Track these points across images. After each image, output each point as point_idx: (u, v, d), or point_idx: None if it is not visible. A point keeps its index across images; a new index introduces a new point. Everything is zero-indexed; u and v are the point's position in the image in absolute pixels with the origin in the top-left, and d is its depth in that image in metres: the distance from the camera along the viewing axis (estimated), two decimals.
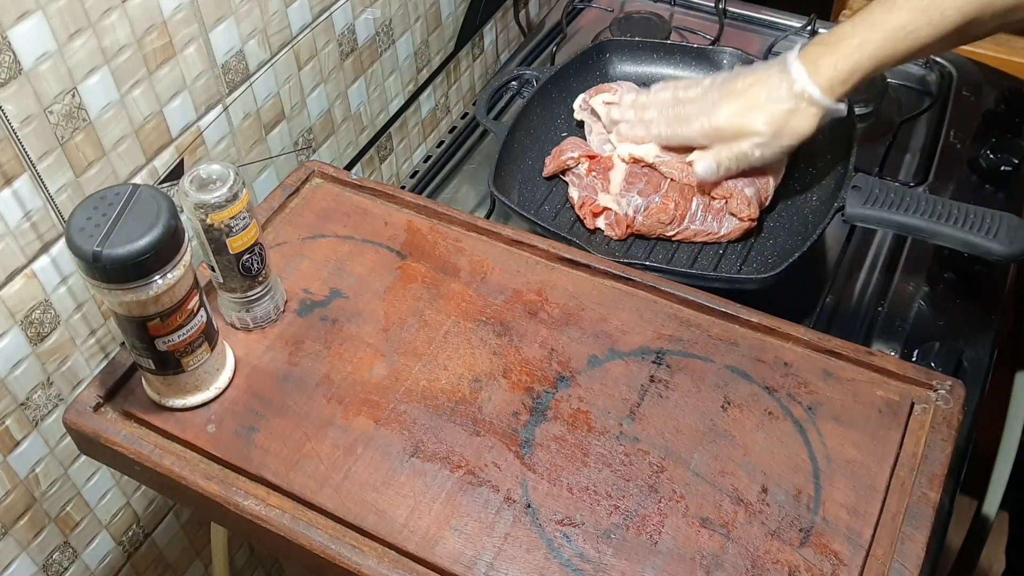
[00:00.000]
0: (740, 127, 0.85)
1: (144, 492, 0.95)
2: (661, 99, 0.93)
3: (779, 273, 0.84)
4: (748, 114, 0.84)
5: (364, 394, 0.71)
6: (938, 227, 0.80)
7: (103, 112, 0.76)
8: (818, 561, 0.61)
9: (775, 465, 0.66)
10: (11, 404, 0.77)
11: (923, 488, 0.64)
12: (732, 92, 0.85)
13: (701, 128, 0.87)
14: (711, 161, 0.85)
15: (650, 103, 0.94)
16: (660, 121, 0.92)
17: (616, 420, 0.69)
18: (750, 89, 0.84)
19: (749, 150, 0.84)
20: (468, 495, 0.65)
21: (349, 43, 1.04)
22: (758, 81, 0.84)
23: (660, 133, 0.92)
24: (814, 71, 0.81)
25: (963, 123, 1.10)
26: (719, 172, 0.85)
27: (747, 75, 0.86)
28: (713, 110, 0.86)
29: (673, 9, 1.27)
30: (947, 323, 0.90)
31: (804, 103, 0.82)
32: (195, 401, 0.70)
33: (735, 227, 0.92)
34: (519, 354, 0.73)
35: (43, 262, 0.76)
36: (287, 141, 0.99)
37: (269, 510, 0.65)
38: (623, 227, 0.93)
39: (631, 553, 0.62)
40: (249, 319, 0.75)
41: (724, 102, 0.85)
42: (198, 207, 0.67)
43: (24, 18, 0.67)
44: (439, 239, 0.83)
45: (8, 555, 0.82)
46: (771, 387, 0.71)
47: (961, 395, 0.69)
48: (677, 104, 0.91)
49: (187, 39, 0.81)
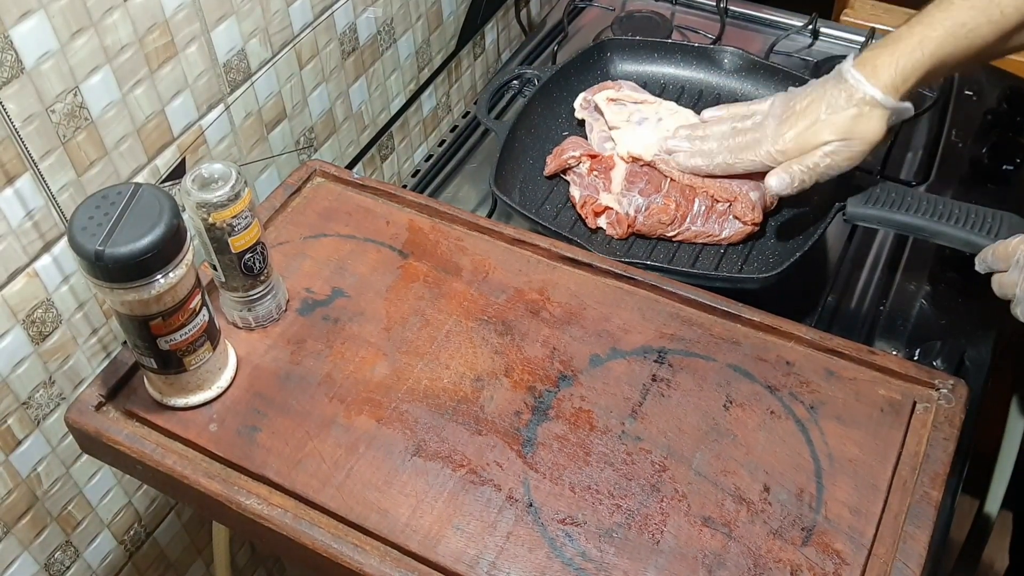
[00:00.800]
0: (806, 144, 0.83)
1: (146, 491, 0.95)
2: (719, 131, 0.92)
3: (780, 272, 0.84)
4: (812, 129, 0.82)
5: (366, 393, 0.71)
6: (939, 227, 0.80)
7: (105, 111, 0.76)
8: (820, 560, 0.61)
9: (777, 464, 0.66)
10: (13, 403, 0.77)
11: (925, 487, 0.64)
12: (793, 114, 0.84)
13: (768, 154, 0.86)
14: (783, 175, 0.83)
15: (708, 135, 0.93)
16: (722, 151, 0.90)
17: (618, 419, 0.69)
18: (810, 107, 0.83)
19: (820, 160, 0.82)
20: (470, 494, 0.65)
21: (350, 42, 1.04)
22: (816, 98, 0.83)
23: (724, 162, 0.90)
24: (872, 74, 0.80)
25: (964, 122, 1.10)
26: (794, 185, 0.83)
27: (804, 95, 0.85)
28: (777, 134, 0.85)
29: (674, 8, 1.27)
30: (949, 322, 0.90)
31: (867, 107, 0.80)
32: (197, 400, 0.70)
33: (737, 231, 0.92)
34: (521, 353, 0.73)
35: (45, 261, 0.76)
36: (289, 140, 0.99)
37: (271, 509, 0.65)
38: (624, 226, 0.93)
39: (633, 552, 0.62)
40: (251, 318, 0.75)
41: (786, 124, 0.84)
42: (200, 206, 0.67)
43: (26, 17, 0.67)
44: (441, 238, 0.83)
45: (10, 554, 0.82)
46: (773, 386, 0.71)
47: (963, 394, 0.69)
48: (736, 134, 0.90)
49: (189, 38, 0.81)
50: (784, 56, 1.18)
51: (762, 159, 0.87)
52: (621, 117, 0.99)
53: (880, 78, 0.80)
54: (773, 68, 1.06)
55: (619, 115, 1.00)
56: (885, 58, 0.80)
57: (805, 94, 0.85)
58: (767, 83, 1.06)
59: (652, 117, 0.99)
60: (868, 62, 0.81)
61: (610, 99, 1.01)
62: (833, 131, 0.82)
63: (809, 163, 0.83)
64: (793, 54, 1.18)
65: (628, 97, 1.02)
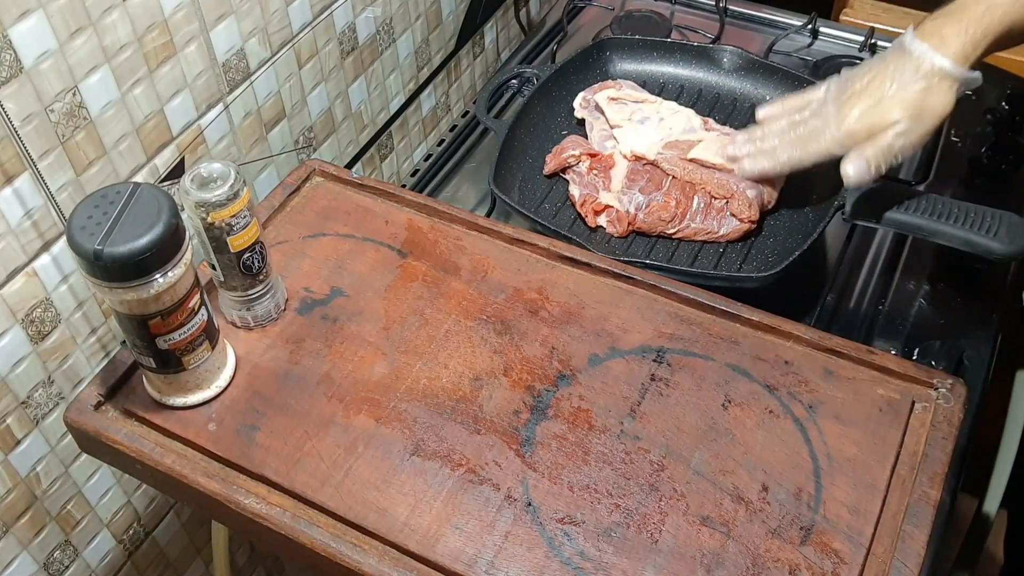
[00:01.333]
0: (874, 124, 0.79)
1: (145, 490, 0.95)
2: (778, 128, 0.89)
3: (779, 272, 0.84)
4: (879, 107, 0.79)
5: (365, 393, 0.71)
6: (938, 226, 0.80)
7: (104, 111, 0.76)
8: (819, 559, 0.61)
9: (776, 463, 0.66)
10: (12, 403, 0.77)
11: (924, 486, 0.64)
12: (854, 94, 0.81)
13: (833, 139, 0.82)
14: (859, 161, 0.79)
15: (767, 133, 0.90)
16: (784, 146, 0.87)
17: (617, 418, 0.69)
18: (871, 84, 0.80)
19: (892, 141, 0.78)
20: (469, 493, 0.65)
21: (350, 42, 1.04)
22: (878, 74, 0.80)
23: (789, 157, 0.87)
24: (940, 44, 0.77)
25: (964, 122, 1.10)
26: (871, 171, 0.80)
27: (863, 73, 0.81)
28: (840, 117, 0.81)
29: (674, 7, 1.27)
30: (948, 322, 0.90)
31: (936, 79, 0.77)
32: (196, 399, 0.70)
33: (735, 228, 0.92)
34: (520, 352, 0.73)
35: (44, 260, 0.76)
36: (288, 140, 0.99)
37: (270, 508, 0.65)
38: (624, 224, 0.93)
39: (632, 551, 0.62)
40: (250, 317, 0.75)
41: (849, 105, 0.81)
42: (199, 206, 0.67)
43: (25, 17, 0.67)
44: (440, 238, 0.83)
45: (9, 553, 0.82)
46: (772, 385, 0.71)
47: (962, 393, 0.69)
48: (796, 127, 0.87)
49: (188, 37, 0.81)
50: (783, 56, 1.18)
51: (827, 147, 0.83)
52: (623, 116, 0.99)
53: (949, 48, 0.77)
54: (772, 67, 1.07)
55: (620, 114, 1.00)
56: (952, 27, 0.77)
57: (864, 72, 0.81)
58: (766, 82, 1.06)
59: (654, 116, 0.99)
60: (933, 32, 0.78)
61: (611, 98, 1.01)
62: (903, 108, 0.78)
63: (883, 145, 0.79)
64: (792, 53, 1.18)
65: (629, 96, 1.02)
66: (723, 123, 1.02)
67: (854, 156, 0.80)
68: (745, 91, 1.07)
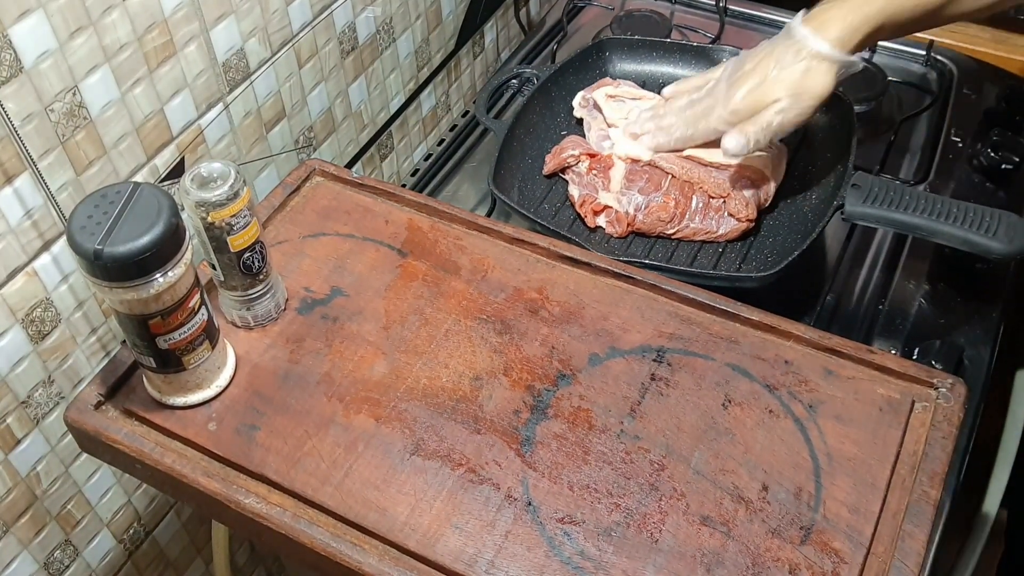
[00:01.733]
0: (757, 102, 0.84)
1: (145, 490, 0.95)
2: (677, 106, 0.93)
3: (779, 271, 0.84)
4: (762, 87, 0.83)
5: (365, 392, 0.71)
6: (938, 225, 0.80)
7: (104, 110, 0.76)
8: (819, 559, 0.61)
9: (776, 463, 0.66)
10: (12, 402, 0.77)
11: (924, 486, 0.64)
12: (743, 74, 0.85)
13: (720, 116, 0.87)
14: (739, 136, 0.84)
15: (667, 111, 0.94)
16: (679, 124, 0.92)
17: (617, 418, 0.69)
18: (759, 65, 0.84)
19: (772, 118, 0.83)
20: (469, 493, 0.65)
21: (350, 41, 1.04)
22: (765, 56, 0.84)
23: (683, 135, 0.92)
24: (820, 28, 0.81)
25: (964, 121, 1.10)
26: (750, 146, 0.84)
27: (753, 55, 0.86)
28: (728, 96, 0.86)
29: (674, 7, 1.27)
30: (948, 321, 0.90)
31: (815, 61, 0.81)
32: (196, 399, 0.70)
33: (733, 227, 0.92)
34: (520, 352, 0.73)
35: (44, 260, 0.76)
36: (288, 139, 0.99)
37: (270, 508, 0.65)
38: (624, 225, 0.93)
39: (632, 551, 0.62)
40: (250, 317, 0.75)
41: (736, 85, 0.85)
42: (199, 205, 0.67)
43: (25, 16, 0.67)
44: (440, 237, 0.83)
45: (9, 553, 0.82)
46: (772, 385, 0.71)
47: (962, 393, 0.69)
48: (692, 105, 0.91)
49: (188, 37, 0.81)
50: None
51: (715, 124, 0.88)
52: (620, 114, 0.99)
53: (829, 32, 0.81)
54: None
55: (618, 112, 1.00)
56: (834, 12, 0.81)
57: (755, 54, 0.86)
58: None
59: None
60: (816, 17, 0.82)
61: (609, 95, 1.01)
62: (783, 88, 0.83)
63: (762, 122, 0.84)
64: None
65: (627, 94, 1.02)
66: None
67: (735, 131, 0.85)
68: None
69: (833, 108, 1.00)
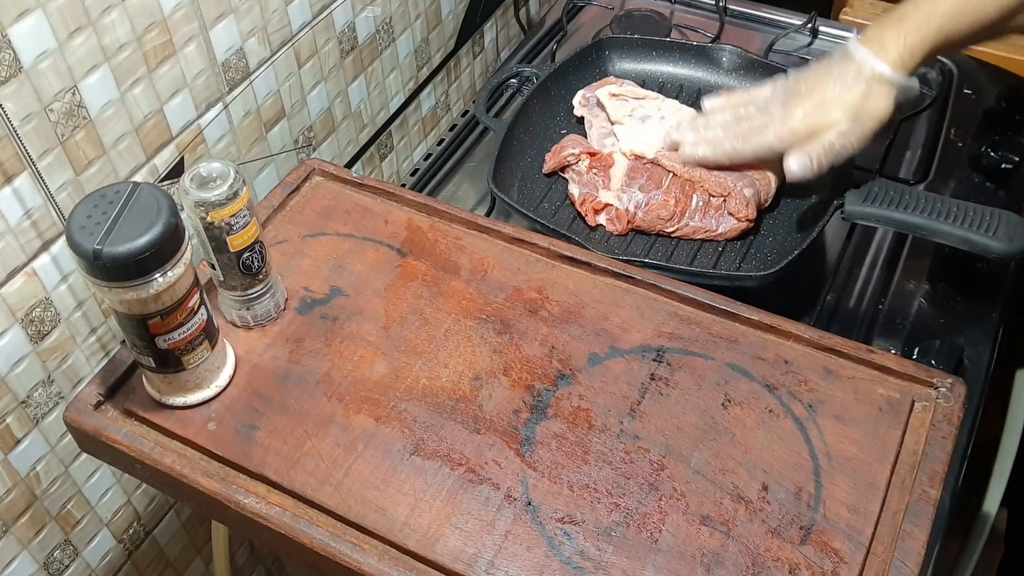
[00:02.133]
0: (817, 124, 0.83)
1: (145, 490, 0.95)
2: (723, 119, 0.91)
3: (778, 270, 0.84)
4: (821, 109, 0.82)
5: (365, 392, 0.71)
6: (938, 225, 0.80)
7: (103, 110, 0.76)
8: (818, 559, 0.61)
9: (776, 463, 0.66)
10: (12, 402, 0.77)
11: (924, 486, 0.64)
12: (799, 95, 0.84)
13: (777, 135, 0.85)
14: (803, 156, 0.83)
15: (712, 123, 0.92)
16: (728, 137, 0.90)
17: (617, 418, 0.69)
18: (817, 87, 0.83)
19: (834, 139, 0.82)
20: (469, 493, 0.65)
21: (349, 41, 1.03)
22: (823, 77, 0.83)
23: (731, 148, 0.89)
24: (880, 50, 0.80)
25: (964, 121, 1.10)
26: (813, 167, 0.83)
27: (808, 75, 0.84)
28: (785, 116, 0.84)
29: (673, 7, 1.27)
30: (948, 321, 0.90)
31: (876, 84, 0.80)
32: (196, 399, 0.70)
33: (733, 226, 0.92)
34: (520, 352, 0.73)
35: (43, 260, 0.76)
36: (287, 139, 0.99)
37: (270, 508, 0.65)
38: (624, 223, 0.93)
39: (631, 551, 0.62)
40: (249, 317, 0.75)
41: (793, 105, 0.84)
42: (198, 205, 0.67)
43: (24, 16, 0.67)
44: (439, 237, 0.83)
45: (9, 553, 0.82)
46: (772, 385, 0.71)
47: (962, 393, 0.69)
48: (741, 120, 0.89)
49: (187, 37, 0.81)
50: (783, 55, 1.18)
51: (770, 142, 0.86)
52: (623, 112, 0.99)
53: (888, 54, 0.80)
54: (772, 67, 1.06)
55: (621, 110, 1.00)
56: (892, 34, 0.80)
57: (810, 74, 0.84)
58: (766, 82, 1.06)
59: (655, 114, 0.99)
60: (875, 39, 0.81)
61: (612, 94, 1.01)
62: (843, 110, 0.81)
63: (825, 143, 0.82)
64: (792, 53, 1.18)
65: (630, 92, 1.02)
66: None
67: (797, 152, 0.83)
68: None
69: None
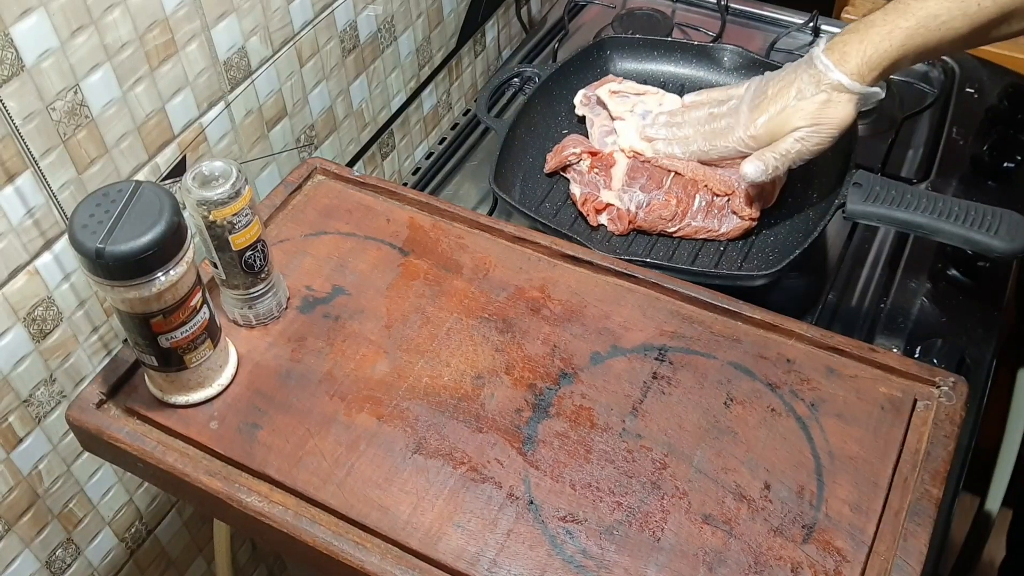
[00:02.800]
0: (776, 130, 0.85)
1: (147, 489, 0.95)
2: (696, 117, 0.93)
3: (780, 269, 0.84)
4: (782, 115, 0.84)
5: (367, 391, 0.71)
6: (939, 224, 0.80)
7: (105, 109, 0.76)
8: (821, 558, 0.61)
9: (778, 462, 0.66)
10: (14, 401, 0.77)
11: (926, 485, 0.64)
12: (764, 99, 0.86)
13: (739, 139, 0.87)
14: (758, 163, 0.85)
15: (685, 121, 0.94)
16: (697, 137, 0.92)
17: (619, 417, 0.69)
18: (780, 93, 0.84)
19: (791, 146, 0.84)
20: (471, 492, 0.65)
21: (351, 40, 1.03)
22: (787, 84, 0.84)
23: (698, 149, 0.92)
24: (841, 60, 0.81)
25: (965, 120, 1.10)
26: (768, 172, 0.85)
27: (776, 80, 0.86)
28: (749, 120, 0.86)
29: (675, 6, 1.27)
30: (950, 320, 0.90)
31: (835, 92, 0.82)
32: (198, 398, 0.70)
33: (735, 226, 0.92)
34: (522, 351, 0.73)
35: (46, 259, 0.76)
36: (289, 138, 0.99)
37: (272, 507, 0.65)
38: (625, 223, 0.93)
39: (634, 550, 0.62)
40: (252, 316, 0.75)
41: (758, 110, 0.86)
42: (200, 204, 0.67)
43: (26, 15, 0.67)
44: (441, 236, 0.83)
45: (11, 552, 0.82)
46: (774, 384, 0.71)
47: (964, 392, 0.69)
48: (712, 120, 0.91)
49: (189, 36, 0.81)
50: (785, 54, 1.18)
51: (735, 145, 0.88)
52: (624, 108, 1.00)
53: (848, 64, 0.81)
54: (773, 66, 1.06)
55: (622, 106, 1.00)
56: (854, 45, 0.81)
57: (778, 79, 0.86)
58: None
59: (656, 109, 0.99)
60: (838, 48, 0.82)
61: (613, 91, 1.02)
62: (803, 117, 0.83)
63: (781, 150, 0.85)
64: (794, 52, 1.18)
65: (631, 89, 1.02)
66: None
67: (754, 157, 0.86)
68: None
69: None
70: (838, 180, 0.91)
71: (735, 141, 0.88)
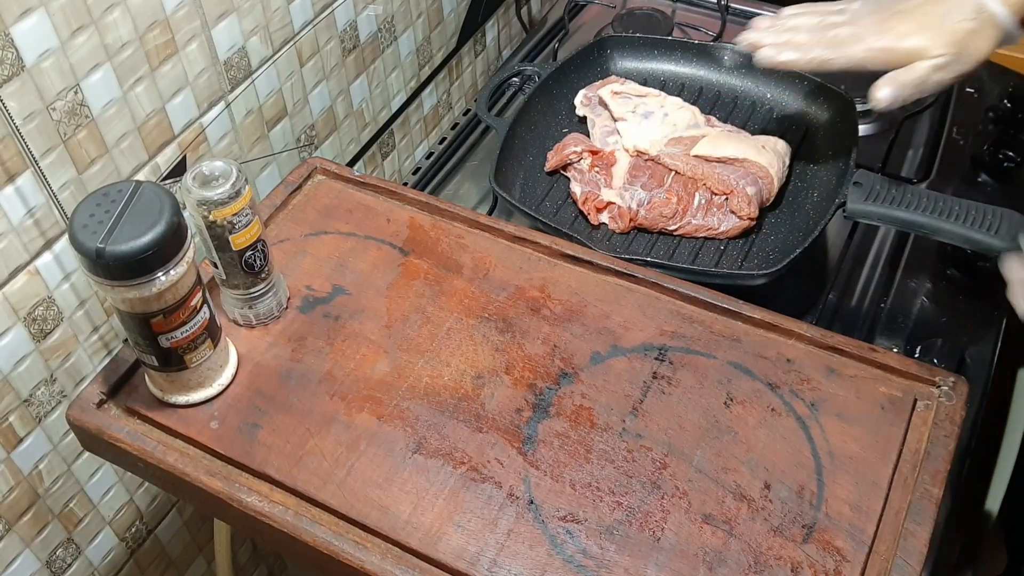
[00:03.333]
0: (917, 48, 0.76)
1: (147, 488, 0.95)
2: (809, 23, 0.83)
3: (780, 269, 0.84)
4: (926, 33, 0.76)
5: (367, 391, 0.71)
6: (939, 223, 0.80)
7: (105, 109, 0.76)
8: (821, 557, 0.61)
9: (778, 461, 0.66)
10: (14, 401, 0.78)
11: (926, 484, 0.64)
12: (902, 10, 0.78)
13: (870, 48, 0.78)
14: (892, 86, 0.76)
15: (796, 27, 0.84)
16: (816, 44, 0.81)
17: (619, 416, 0.69)
18: (925, 6, 0.77)
19: (928, 74, 0.76)
20: (471, 492, 0.65)
21: (351, 40, 1.03)
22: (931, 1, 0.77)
23: (819, 56, 0.81)
24: None
25: (966, 119, 1.10)
26: (900, 100, 0.77)
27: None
28: (883, 29, 0.77)
29: (675, 6, 1.27)
30: (950, 319, 0.90)
31: (986, 23, 0.75)
32: (198, 398, 0.70)
33: (735, 225, 0.92)
34: (522, 351, 0.73)
35: (46, 259, 0.76)
36: (289, 138, 0.99)
37: (272, 506, 0.65)
38: (626, 220, 0.93)
39: (634, 549, 0.62)
40: (252, 316, 0.75)
41: (895, 20, 0.77)
42: (201, 204, 0.67)
43: (27, 15, 0.67)
44: (441, 236, 0.83)
45: (11, 551, 0.82)
46: (774, 383, 0.71)
47: (964, 391, 0.69)
48: (829, 28, 0.82)
49: (189, 36, 0.81)
50: None
51: (863, 55, 0.79)
52: (626, 109, 1.00)
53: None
54: None
55: (624, 107, 1.00)
56: None
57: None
58: (768, 81, 1.06)
59: (658, 112, 0.99)
60: None
61: (615, 92, 1.02)
62: (949, 42, 0.75)
63: (918, 74, 0.76)
64: None
65: (633, 90, 1.02)
66: (724, 121, 1.02)
67: (889, 79, 0.77)
68: (746, 89, 1.07)
69: (835, 105, 1.00)
70: (838, 179, 0.91)
71: (865, 50, 0.78)
